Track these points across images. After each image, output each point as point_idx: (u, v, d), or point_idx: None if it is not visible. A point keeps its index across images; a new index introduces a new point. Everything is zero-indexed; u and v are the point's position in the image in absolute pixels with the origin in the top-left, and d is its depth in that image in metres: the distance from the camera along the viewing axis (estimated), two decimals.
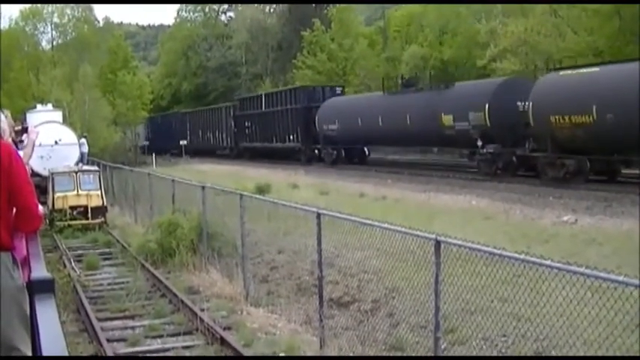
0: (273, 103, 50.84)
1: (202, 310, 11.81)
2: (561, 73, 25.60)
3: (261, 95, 54.97)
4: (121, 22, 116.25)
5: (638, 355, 7.45)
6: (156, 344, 10.88)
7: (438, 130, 31.83)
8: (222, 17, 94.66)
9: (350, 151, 42.47)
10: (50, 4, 70.23)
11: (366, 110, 38.31)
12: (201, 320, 11.10)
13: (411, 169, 34.42)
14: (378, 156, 46.13)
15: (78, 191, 23.06)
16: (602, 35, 35.61)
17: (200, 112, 68.07)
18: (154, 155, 55.71)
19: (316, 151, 44.78)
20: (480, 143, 29.04)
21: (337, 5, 68.31)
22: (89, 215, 22.77)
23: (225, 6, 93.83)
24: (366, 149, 42.85)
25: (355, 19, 70.64)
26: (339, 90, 48.19)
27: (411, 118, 33.73)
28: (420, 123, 32.98)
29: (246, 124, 54.90)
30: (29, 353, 4.05)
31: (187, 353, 10.28)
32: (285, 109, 48.30)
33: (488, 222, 18.22)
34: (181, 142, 63.11)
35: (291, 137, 47.06)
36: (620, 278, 5.77)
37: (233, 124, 57.84)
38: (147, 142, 74.93)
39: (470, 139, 29.79)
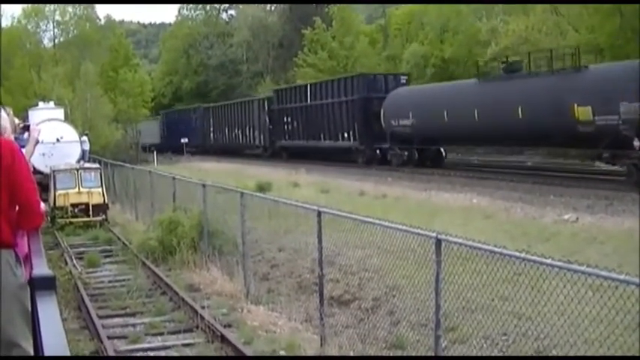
0: (321, 94, 43.47)
1: (203, 307, 11.80)
2: None
3: (305, 86, 47.54)
4: (122, 20, 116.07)
5: (638, 354, 7.44)
6: (156, 342, 10.88)
7: (567, 127, 24.52)
8: (224, 15, 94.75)
9: (423, 152, 34.89)
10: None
11: (455, 102, 30.87)
12: (202, 318, 11.10)
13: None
14: (452, 157, 38.86)
15: (79, 189, 23.07)
16: (602, 33, 35.63)
17: (226, 107, 61.20)
18: (155, 153, 55.64)
19: (378, 152, 37.49)
20: (637, 143, 22.41)
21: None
22: (90, 213, 22.78)
23: (227, 4, 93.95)
24: (442, 150, 35.46)
25: (356, 17, 70.82)
26: (403, 79, 40.34)
27: (525, 112, 26.44)
28: (538, 117, 25.76)
29: (286, 119, 47.93)
30: (30, 350, 4.06)
31: (188, 351, 10.28)
32: (338, 102, 40.96)
33: (488, 220, 18.23)
34: (182, 140, 61.77)
35: (346, 135, 39.80)
36: (621, 277, 5.74)
37: (267, 120, 50.94)
38: (159, 140, 69.94)
39: (618, 137, 22.94)
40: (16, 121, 6.24)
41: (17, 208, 4.50)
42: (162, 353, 10.33)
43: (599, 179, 23.83)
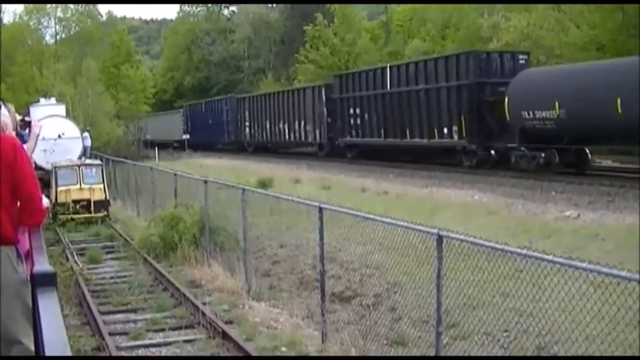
0: (408, 78, 33.87)
1: (204, 304, 11.80)
2: None
3: (383, 69, 37.14)
4: (124, 17, 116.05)
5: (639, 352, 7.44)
6: (158, 338, 10.88)
7: None
8: (225, 12, 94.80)
9: (563, 153, 25.70)
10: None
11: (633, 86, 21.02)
12: (203, 314, 11.10)
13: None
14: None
15: (81, 185, 23.11)
16: (604, 30, 35.57)
17: (267, 97, 51.47)
18: (156, 149, 55.54)
19: (492, 152, 29.10)
20: None
21: None
22: (92, 209, 22.81)
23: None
24: (587, 150, 26.56)
25: (357, 13, 70.90)
26: (522, 59, 30.76)
27: None
28: None
29: (352, 110, 38.49)
30: (31, 346, 4.06)
31: (189, 347, 10.29)
32: (435, 88, 31.59)
33: (490, 217, 18.22)
34: (184, 137, 60.99)
35: (446, 130, 30.76)
36: (623, 273, 5.74)
37: (325, 112, 42.12)
38: (186, 136, 62.20)
39: None
40: (18, 117, 6.22)
41: (19, 204, 4.50)
42: (164, 350, 10.34)
43: (601, 175, 23.74)
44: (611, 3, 34.44)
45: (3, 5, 65.61)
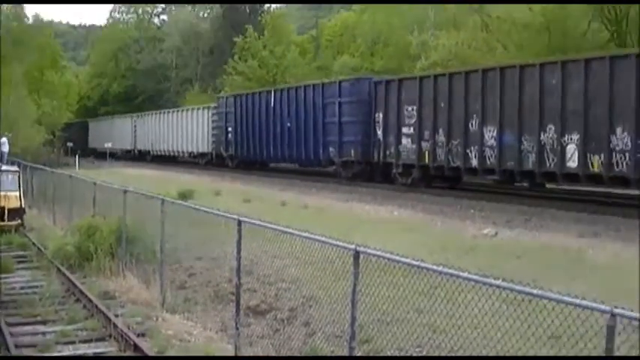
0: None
1: (117, 315, 11.55)
2: None
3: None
4: (52, 20, 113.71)
5: None
6: (67, 351, 10.57)
7: None
8: (156, 20, 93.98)
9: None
10: None
11: None
12: (115, 326, 10.85)
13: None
14: None
15: None
16: (531, 51, 36.32)
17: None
18: (77, 156, 54.55)
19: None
20: None
21: (272, 11, 68.57)
22: (5, 217, 22.08)
23: (159, 8, 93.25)
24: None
25: (288, 26, 71.02)
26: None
27: None
28: None
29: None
30: None
31: None
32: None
33: (408, 233, 18.29)
34: (105, 145, 60.63)
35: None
36: (535, 291, 5.80)
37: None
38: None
39: None
40: None
41: None
42: None
43: (521, 195, 24.20)
44: (612, 3, 34.82)
45: None
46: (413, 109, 26.76)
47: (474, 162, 23.89)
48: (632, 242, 14.98)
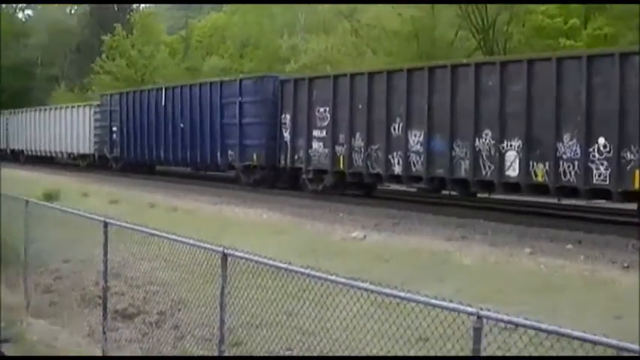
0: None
1: None
2: None
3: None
4: None
5: None
6: None
7: None
8: (20, 14, 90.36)
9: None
10: None
11: None
12: None
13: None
14: None
15: None
16: (400, 57, 37.14)
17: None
18: None
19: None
20: None
21: (141, 10, 67.28)
22: None
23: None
24: None
25: (158, 26, 69.98)
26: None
27: None
28: None
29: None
30: None
31: None
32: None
33: (278, 235, 18.31)
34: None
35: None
36: (402, 294, 5.89)
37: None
38: (113, 143, 54.46)
39: None
40: None
41: None
42: None
43: (389, 199, 24.59)
44: (613, 3, 35.44)
45: None
46: (326, 111, 24.81)
47: (397, 169, 22.16)
48: (497, 246, 15.57)
